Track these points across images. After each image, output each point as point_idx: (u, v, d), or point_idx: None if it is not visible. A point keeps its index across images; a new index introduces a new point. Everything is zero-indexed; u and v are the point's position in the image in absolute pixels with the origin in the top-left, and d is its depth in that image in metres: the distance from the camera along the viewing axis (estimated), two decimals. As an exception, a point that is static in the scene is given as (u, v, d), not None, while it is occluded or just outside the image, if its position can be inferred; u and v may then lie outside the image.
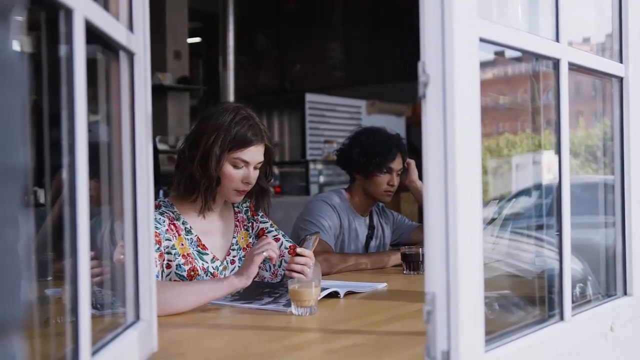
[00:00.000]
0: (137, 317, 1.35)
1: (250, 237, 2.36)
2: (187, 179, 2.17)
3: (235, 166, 2.17)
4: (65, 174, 1.00)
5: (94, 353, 1.07)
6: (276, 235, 2.37)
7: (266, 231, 2.37)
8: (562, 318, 1.48)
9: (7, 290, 0.54)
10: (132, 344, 1.26)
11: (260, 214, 2.41)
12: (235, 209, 2.37)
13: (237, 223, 2.35)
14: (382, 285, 2.31)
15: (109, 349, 1.15)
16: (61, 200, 1.65)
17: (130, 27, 1.33)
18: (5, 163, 0.53)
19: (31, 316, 1.00)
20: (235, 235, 2.32)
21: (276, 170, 7.60)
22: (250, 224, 2.38)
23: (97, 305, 1.34)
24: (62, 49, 1.00)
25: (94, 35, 1.09)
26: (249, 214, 2.39)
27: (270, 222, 2.42)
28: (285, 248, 2.33)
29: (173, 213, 2.18)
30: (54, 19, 0.99)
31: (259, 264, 1.98)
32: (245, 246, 2.33)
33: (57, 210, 2.01)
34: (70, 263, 0.99)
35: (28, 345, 0.69)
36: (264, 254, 1.98)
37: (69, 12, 0.98)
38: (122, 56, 1.31)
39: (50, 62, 1.03)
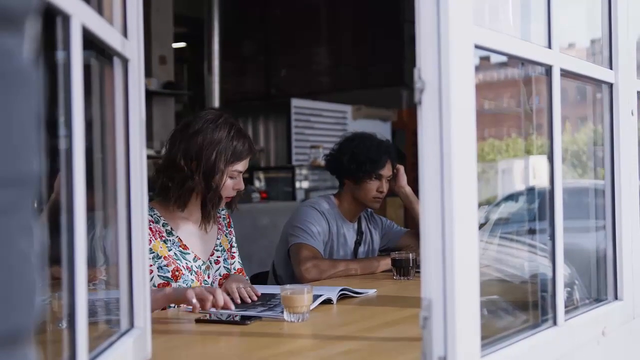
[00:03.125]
0: (132, 325, 1.34)
1: (228, 243, 2.45)
2: (185, 192, 2.22)
3: (232, 177, 2.26)
4: (62, 180, 0.99)
5: (91, 361, 1.06)
6: (234, 253, 2.47)
7: (232, 245, 2.47)
8: (555, 323, 1.48)
9: (23, 299, 0.53)
10: (127, 351, 1.25)
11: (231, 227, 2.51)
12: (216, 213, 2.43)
13: (220, 226, 2.43)
14: (372, 292, 2.32)
15: (105, 356, 1.14)
16: (50, 206, 1.64)
17: (125, 33, 1.32)
18: (21, 171, 0.52)
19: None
20: (218, 237, 2.40)
21: (262, 175, 7.59)
22: (228, 230, 2.47)
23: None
24: (59, 55, 0.99)
25: (89, 41, 1.08)
26: (226, 222, 2.47)
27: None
28: (234, 269, 2.41)
29: (152, 216, 2.21)
30: (50, 25, 0.98)
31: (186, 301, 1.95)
32: (226, 249, 2.42)
33: (47, 216, 2.00)
34: (67, 271, 0.98)
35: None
36: (194, 301, 1.90)
37: (66, 18, 0.97)
38: (116, 62, 1.30)
39: (45, 68, 1.02)
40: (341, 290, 2.16)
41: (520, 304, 1.70)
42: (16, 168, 0.52)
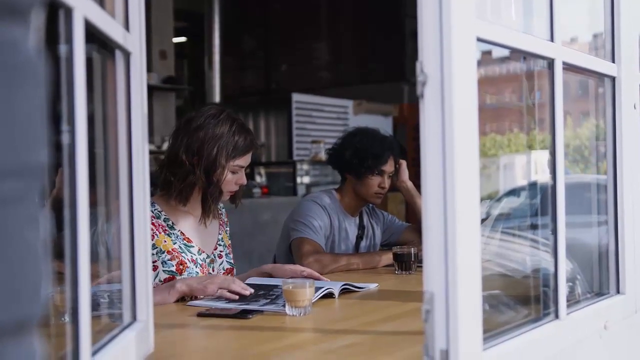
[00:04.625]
0: (134, 318, 1.34)
1: (229, 240, 2.47)
2: (186, 186, 2.23)
3: (234, 172, 2.27)
4: (65, 175, 0.99)
5: (94, 354, 1.06)
6: (229, 252, 2.47)
7: (229, 242, 2.48)
8: (557, 316, 1.48)
9: (30, 290, 0.53)
10: (129, 344, 1.25)
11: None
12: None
13: (221, 222, 2.45)
14: (373, 286, 2.32)
15: (108, 349, 1.14)
16: (52, 201, 1.64)
17: (127, 26, 1.32)
18: (27, 162, 0.52)
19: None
20: (220, 232, 2.42)
21: (263, 170, 7.59)
22: (227, 229, 2.50)
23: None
24: (61, 48, 0.99)
25: (90, 34, 1.08)
26: (225, 220, 2.50)
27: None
28: (223, 269, 2.40)
29: (153, 211, 2.22)
30: (52, 18, 0.98)
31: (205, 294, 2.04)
32: (227, 245, 2.44)
33: (49, 211, 2.01)
34: (70, 266, 0.98)
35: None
36: (218, 292, 2.02)
37: (68, 11, 0.97)
38: (118, 55, 1.30)
39: (48, 61, 1.02)
40: (343, 285, 2.16)
41: (522, 298, 1.70)
42: (23, 159, 0.52)
